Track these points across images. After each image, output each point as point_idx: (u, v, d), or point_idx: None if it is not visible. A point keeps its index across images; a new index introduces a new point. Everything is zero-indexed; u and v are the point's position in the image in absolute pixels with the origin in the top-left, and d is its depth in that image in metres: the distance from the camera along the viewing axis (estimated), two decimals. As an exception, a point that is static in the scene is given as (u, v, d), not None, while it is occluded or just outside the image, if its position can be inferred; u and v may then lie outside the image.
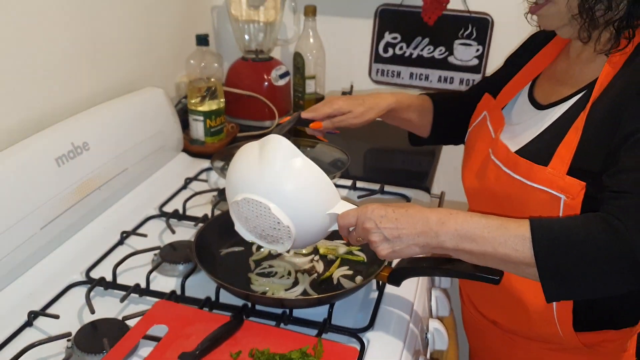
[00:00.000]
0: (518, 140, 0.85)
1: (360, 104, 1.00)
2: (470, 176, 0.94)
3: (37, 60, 1.01)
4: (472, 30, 1.48)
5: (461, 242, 0.70)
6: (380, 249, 0.74)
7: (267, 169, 0.77)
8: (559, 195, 0.75)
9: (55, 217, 0.93)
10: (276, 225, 0.77)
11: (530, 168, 0.79)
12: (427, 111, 1.08)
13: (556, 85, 0.87)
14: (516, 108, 0.92)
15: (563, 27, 0.80)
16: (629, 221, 0.64)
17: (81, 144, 1.00)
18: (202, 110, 1.33)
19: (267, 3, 1.49)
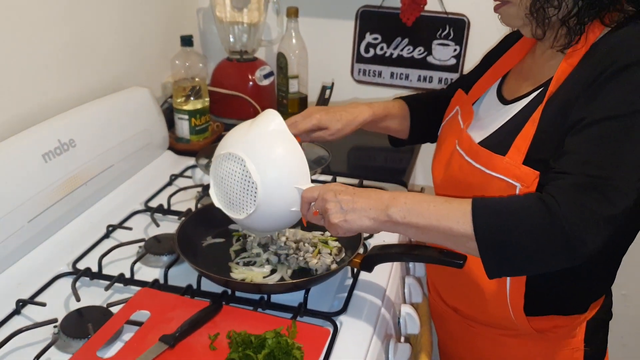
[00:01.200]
0: (482, 133, 0.90)
1: (338, 120, 1.02)
2: (439, 167, 0.98)
3: (24, 59, 1.05)
4: (449, 30, 1.52)
5: (409, 214, 0.75)
6: (333, 217, 0.78)
7: (254, 131, 0.85)
8: (514, 184, 0.79)
9: (42, 211, 0.97)
10: (246, 185, 0.83)
11: (489, 157, 0.83)
12: (404, 117, 1.11)
13: (521, 81, 0.91)
14: (484, 103, 0.97)
15: (523, 26, 0.85)
16: (564, 199, 0.69)
17: (68, 141, 1.04)
18: (186, 109, 1.37)
19: (250, 5, 1.53)
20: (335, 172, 1.33)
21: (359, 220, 0.77)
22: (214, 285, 0.90)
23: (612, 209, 0.68)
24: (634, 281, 1.60)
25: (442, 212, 0.73)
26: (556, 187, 0.71)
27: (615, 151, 0.70)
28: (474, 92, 1.00)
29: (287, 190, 0.84)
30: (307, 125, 1.00)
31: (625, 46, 0.73)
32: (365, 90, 1.67)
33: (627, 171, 0.70)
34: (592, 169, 0.70)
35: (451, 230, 0.73)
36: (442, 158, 0.97)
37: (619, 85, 0.72)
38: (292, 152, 0.84)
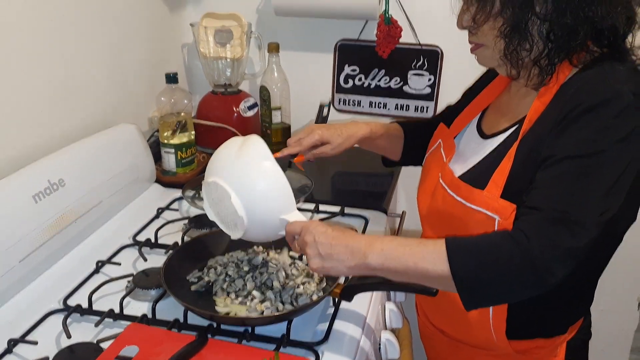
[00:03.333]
0: (463, 166, 0.95)
1: (339, 135, 1.09)
2: (424, 198, 1.03)
3: (12, 100, 1.09)
4: (423, 61, 1.59)
5: (386, 260, 0.79)
6: (312, 262, 0.83)
7: (239, 161, 0.89)
8: (493, 216, 0.84)
9: (33, 250, 1.01)
10: (234, 213, 0.87)
11: (469, 191, 0.88)
12: (398, 138, 1.19)
13: (499, 117, 0.97)
14: (465, 137, 1.03)
15: (498, 67, 0.90)
16: (532, 234, 0.74)
17: (57, 181, 1.08)
18: (173, 144, 1.42)
19: (233, 41, 1.58)
20: (318, 199, 1.37)
21: (336, 269, 0.83)
22: (199, 318, 0.93)
23: (577, 242, 0.74)
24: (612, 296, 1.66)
25: (418, 255, 0.78)
26: (525, 222, 0.76)
27: (579, 188, 0.75)
28: (455, 126, 1.06)
29: (272, 220, 0.90)
30: (310, 141, 1.07)
31: (589, 88, 0.78)
32: (346, 118, 1.73)
33: (591, 207, 0.75)
34: (558, 205, 0.75)
35: (428, 272, 0.78)
36: (427, 189, 1.02)
37: (584, 125, 0.76)
38: (277, 184, 0.89)
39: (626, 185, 0.77)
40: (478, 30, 0.86)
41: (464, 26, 0.90)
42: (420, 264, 0.78)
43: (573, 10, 0.78)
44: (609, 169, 0.75)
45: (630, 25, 0.82)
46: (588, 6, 0.78)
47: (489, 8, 0.82)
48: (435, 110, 1.63)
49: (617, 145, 0.75)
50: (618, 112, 0.75)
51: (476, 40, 0.89)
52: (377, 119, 1.69)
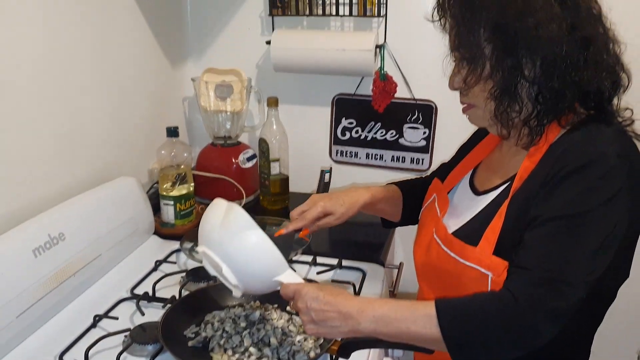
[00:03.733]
0: (457, 222, 0.97)
1: (341, 205, 1.11)
2: (420, 252, 1.05)
3: (16, 154, 1.11)
4: (418, 115, 1.64)
5: (378, 326, 0.81)
6: (307, 328, 0.85)
7: (224, 232, 0.90)
8: (486, 273, 0.85)
9: (31, 305, 1.01)
10: (227, 281, 0.90)
11: (462, 248, 0.90)
12: (398, 200, 1.21)
13: (490, 174, 0.99)
14: (458, 192, 1.05)
15: (489, 127, 0.93)
16: (520, 295, 0.76)
17: (57, 235, 1.09)
18: (172, 196, 1.44)
19: (233, 95, 1.63)
20: (316, 252, 1.38)
21: (330, 334, 0.85)
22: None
23: (564, 302, 0.75)
24: (611, 349, 1.65)
25: (410, 319, 0.79)
26: (513, 282, 0.79)
27: (566, 248, 0.77)
28: (449, 181, 1.08)
29: (267, 282, 0.91)
30: (314, 214, 1.09)
31: (576, 150, 0.81)
32: (343, 169, 1.76)
33: (578, 267, 0.76)
34: (545, 265, 0.77)
35: (419, 335, 0.79)
36: (422, 243, 1.04)
37: (571, 186, 0.79)
38: (264, 252, 0.89)
39: (613, 245, 0.79)
40: (469, 91, 0.89)
41: (455, 87, 0.93)
42: (412, 328, 0.79)
43: (560, 74, 0.81)
44: (595, 229, 0.77)
45: (615, 89, 0.85)
46: (575, 71, 0.81)
47: (480, 71, 0.85)
48: (431, 163, 1.67)
49: (603, 206, 0.77)
50: (603, 173, 0.77)
51: (467, 101, 0.92)
52: (373, 171, 1.73)
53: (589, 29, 0.82)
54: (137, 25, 1.50)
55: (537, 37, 0.79)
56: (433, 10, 0.92)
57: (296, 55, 1.57)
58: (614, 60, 0.84)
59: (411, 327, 0.79)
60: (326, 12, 1.58)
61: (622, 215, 0.79)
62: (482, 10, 0.82)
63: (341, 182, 1.75)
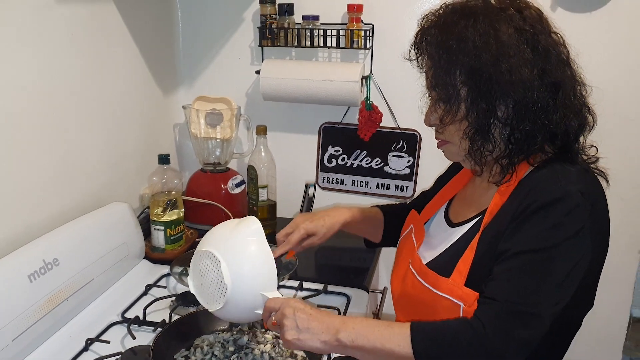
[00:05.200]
0: (431, 253, 1.02)
1: (322, 225, 1.18)
2: (396, 282, 1.09)
3: (12, 181, 1.15)
4: (403, 144, 1.70)
5: (356, 338, 0.86)
6: (288, 333, 0.89)
7: (234, 236, 0.97)
8: (458, 303, 0.90)
9: (26, 328, 1.04)
10: (219, 283, 0.94)
11: (436, 278, 0.95)
12: (379, 222, 1.27)
13: (464, 207, 1.04)
14: (434, 224, 1.10)
15: (463, 162, 0.98)
16: (489, 324, 0.81)
17: (52, 260, 1.12)
18: (163, 221, 1.47)
19: (223, 123, 1.68)
20: (302, 277, 1.42)
21: (310, 341, 0.88)
22: (186, 398, 0.97)
23: (530, 332, 0.81)
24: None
25: (386, 336, 0.85)
26: (483, 312, 0.84)
27: (532, 281, 0.82)
28: (426, 212, 1.14)
29: (253, 295, 0.96)
30: (297, 237, 1.16)
31: (542, 188, 0.86)
32: (329, 196, 1.81)
33: (543, 299, 0.82)
34: (513, 297, 0.82)
35: (393, 352, 0.84)
36: (399, 273, 1.08)
37: (537, 222, 0.84)
38: (265, 262, 0.97)
39: (577, 277, 0.84)
40: (445, 129, 0.94)
41: (430, 124, 1.00)
42: (387, 345, 0.84)
43: (531, 117, 0.86)
44: (560, 263, 0.82)
45: (581, 129, 0.91)
46: (545, 114, 0.86)
47: (455, 111, 0.90)
48: (415, 190, 1.72)
49: (568, 242, 0.82)
50: (568, 210, 0.82)
51: (443, 138, 0.98)
52: (359, 197, 1.78)
53: (558, 73, 0.88)
54: (130, 54, 1.55)
55: (511, 81, 0.85)
56: (410, 48, 0.97)
57: (285, 85, 1.63)
58: (580, 102, 0.90)
59: (386, 345, 0.84)
60: (314, 44, 1.65)
61: (586, 249, 0.84)
62: (458, 53, 0.87)
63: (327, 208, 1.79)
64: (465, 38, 0.86)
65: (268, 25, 1.64)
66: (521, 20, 0.87)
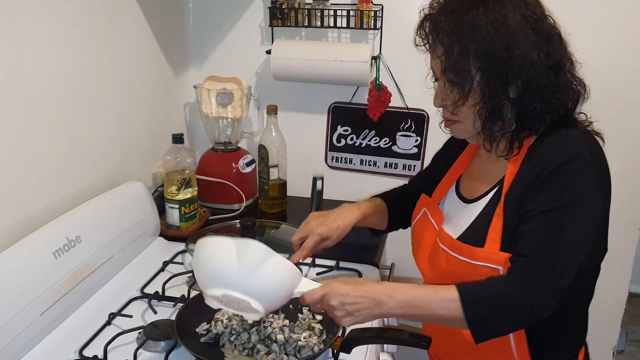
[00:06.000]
0: (455, 230, 1.06)
1: (336, 229, 1.18)
2: (424, 262, 1.14)
3: (33, 162, 1.18)
4: (411, 123, 1.72)
5: (406, 309, 0.93)
6: (344, 322, 0.95)
7: (247, 272, 0.90)
8: (497, 268, 0.96)
9: (53, 303, 1.08)
10: (249, 307, 0.92)
11: (471, 250, 1.00)
12: (383, 212, 1.30)
13: (475, 182, 1.10)
14: (448, 203, 1.15)
15: (471, 138, 1.05)
16: (525, 277, 0.90)
17: (74, 238, 1.15)
18: (177, 199, 1.51)
19: (234, 102, 1.70)
20: (315, 254, 1.44)
21: (365, 319, 0.95)
22: (209, 369, 1.01)
23: (561, 281, 0.90)
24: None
25: (435, 302, 0.92)
26: (519, 269, 0.92)
27: (557, 235, 0.91)
28: (436, 195, 1.18)
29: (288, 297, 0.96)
30: (312, 242, 1.16)
31: (553, 151, 0.93)
32: (338, 175, 1.84)
33: (568, 251, 0.91)
34: (542, 252, 0.91)
35: (443, 316, 0.92)
36: (425, 254, 1.13)
37: (553, 183, 0.91)
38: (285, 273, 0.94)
39: (593, 229, 0.93)
40: (458, 110, 0.99)
41: (440, 105, 1.03)
42: (437, 311, 0.92)
43: (539, 96, 0.93)
44: (577, 217, 0.91)
45: (576, 102, 0.98)
46: (550, 92, 0.94)
47: (469, 94, 0.95)
48: (422, 169, 1.75)
49: (582, 197, 0.90)
50: (579, 169, 0.90)
51: (455, 118, 1.02)
52: (367, 176, 1.81)
53: (559, 54, 0.95)
54: (142, 34, 1.56)
55: (522, 65, 0.91)
56: (416, 34, 1.02)
57: (295, 65, 1.64)
58: (576, 79, 0.98)
59: (436, 310, 0.92)
60: (324, 24, 1.66)
61: (597, 202, 0.93)
62: (472, 41, 0.92)
63: (336, 187, 1.83)
64: (478, 26, 0.91)
65: (279, 5, 1.65)
66: (524, 7, 0.93)
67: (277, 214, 1.72)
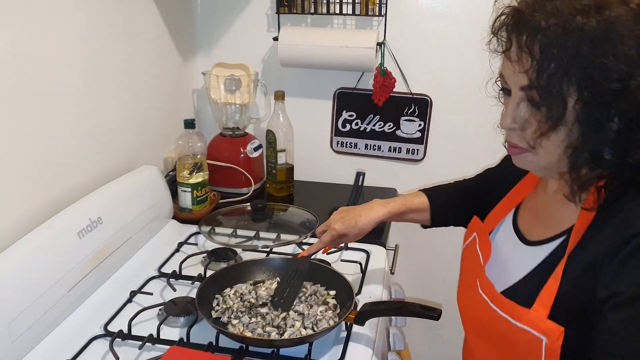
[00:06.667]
0: (505, 277, 0.91)
1: (353, 227, 1.13)
2: (463, 298, 1.02)
3: (56, 148, 1.22)
4: (414, 108, 1.77)
5: None
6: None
7: None
8: (541, 337, 0.80)
9: (79, 281, 1.12)
10: None
11: (514, 308, 0.84)
12: (424, 210, 1.19)
13: (537, 220, 0.93)
14: (501, 236, 0.98)
15: (538, 170, 0.87)
16: None
17: (96, 219, 1.20)
18: (190, 183, 1.55)
19: (242, 88, 1.74)
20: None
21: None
22: (229, 341, 1.06)
23: None
24: None
25: None
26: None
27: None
28: (489, 221, 1.03)
29: None
30: (329, 237, 1.16)
31: None
32: (343, 159, 1.89)
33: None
34: (635, 355, 0.71)
35: None
36: (466, 291, 1.02)
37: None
38: None
39: None
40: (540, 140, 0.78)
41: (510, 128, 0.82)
42: None
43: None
44: None
45: None
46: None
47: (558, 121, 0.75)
48: (425, 153, 1.80)
49: None
50: None
51: (521, 145, 0.82)
52: (371, 160, 1.86)
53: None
54: (153, 23, 1.60)
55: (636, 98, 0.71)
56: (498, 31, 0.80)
57: (302, 52, 1.68)
58: None
59: None
60: (330, 11, 1.70)
61: None
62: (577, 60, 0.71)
63: (341, 170, 1.88)
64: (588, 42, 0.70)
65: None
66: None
67: (285, 198, 1.77)
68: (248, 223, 1.52)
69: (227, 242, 1.42)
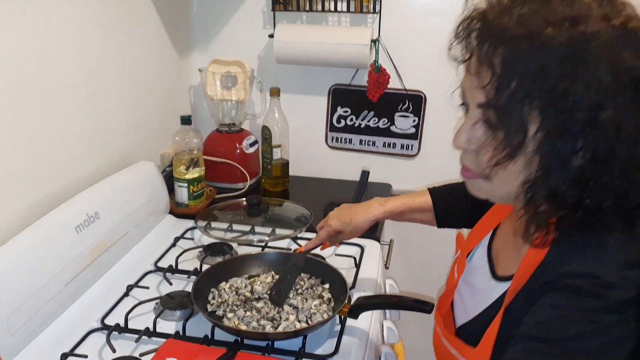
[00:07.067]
0: (468, 310, 0.87)
1: (348, 224, 1.15)
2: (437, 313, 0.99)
3: (55, 143, 1.23)
4: (409, 104, 1.79)
5: None
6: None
7: None
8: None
9: (76, 275, 1.14)
10: None
11: (462, 347, 0.83)
12: (427, 210, 1.14)
13: (506, 250, 0.85)
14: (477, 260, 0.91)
15: (493, 199, 0.79)
16: None
17: (94, 214, 1.21)
18: (186, 178, 1.56)
19: (238, 85, 1.75)
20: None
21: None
22: (224, 335, 1.07)
23: None
24: None
25: None
26: None
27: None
28: (470, 241, 0.96)
29: None
30: (325, 233, 1.20)
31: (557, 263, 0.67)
32: (338, 154, 1.91)
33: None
34: None
35: None
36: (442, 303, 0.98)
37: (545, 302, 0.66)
38: None
39: None
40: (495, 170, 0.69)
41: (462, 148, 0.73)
42: None
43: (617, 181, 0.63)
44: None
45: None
46: None
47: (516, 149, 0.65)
48: (419, 148, 1.82)
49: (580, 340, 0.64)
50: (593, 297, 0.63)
51: (474, 169, 0.73)
52: (366, 155, 1.88)
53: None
54: (150, 19, 1.61)
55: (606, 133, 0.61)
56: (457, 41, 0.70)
57: (298, 49, 1.69)
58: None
59: None
60: (325, 8, 1.71)
61: None
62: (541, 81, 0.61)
63: (336, 165, 1.90)
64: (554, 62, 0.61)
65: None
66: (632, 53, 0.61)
67: (280, 193, 1.79)
68: (244, 218, 1.54)
69: (222, 236, 1.44)
